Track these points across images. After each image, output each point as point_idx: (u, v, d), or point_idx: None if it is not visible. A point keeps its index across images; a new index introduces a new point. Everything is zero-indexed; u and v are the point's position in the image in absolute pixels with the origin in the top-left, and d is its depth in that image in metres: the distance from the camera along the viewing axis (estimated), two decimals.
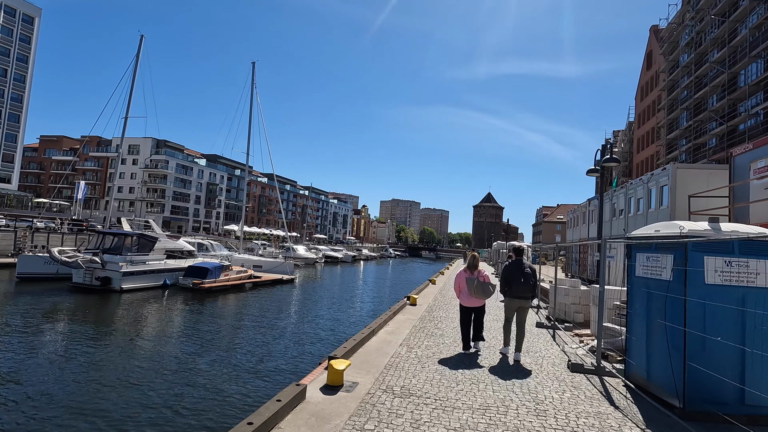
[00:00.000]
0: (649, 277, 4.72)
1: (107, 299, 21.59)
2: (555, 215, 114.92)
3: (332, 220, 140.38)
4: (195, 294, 24.44)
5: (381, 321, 7.68)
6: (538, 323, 9.18)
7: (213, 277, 26.18)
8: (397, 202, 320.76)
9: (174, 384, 9.27)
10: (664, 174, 15.47)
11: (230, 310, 21.04)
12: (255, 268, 36.35)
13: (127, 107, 30.78)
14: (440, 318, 9.64)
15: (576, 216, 31.94)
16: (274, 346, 13.15)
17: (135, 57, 31.05)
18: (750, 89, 26.62)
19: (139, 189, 74.01)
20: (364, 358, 5.68)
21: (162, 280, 25.53)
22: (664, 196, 15.51)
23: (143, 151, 75.70)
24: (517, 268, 6.65)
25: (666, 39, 41.30)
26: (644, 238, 4.92)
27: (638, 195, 18.07)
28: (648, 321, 4.67)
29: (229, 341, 13.91)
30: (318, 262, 59.92)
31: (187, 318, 18.35)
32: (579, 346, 6.97)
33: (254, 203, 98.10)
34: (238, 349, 12.69)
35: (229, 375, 10.03)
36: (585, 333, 8.10)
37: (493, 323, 9.36)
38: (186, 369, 10.46)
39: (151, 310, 19.91)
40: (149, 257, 25.34)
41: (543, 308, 12.05)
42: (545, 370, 5.80)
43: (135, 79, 30.93)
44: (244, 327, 16.30)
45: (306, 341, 14.19)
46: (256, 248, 51.75)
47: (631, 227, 19.13)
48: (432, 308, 11.21)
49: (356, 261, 77.74)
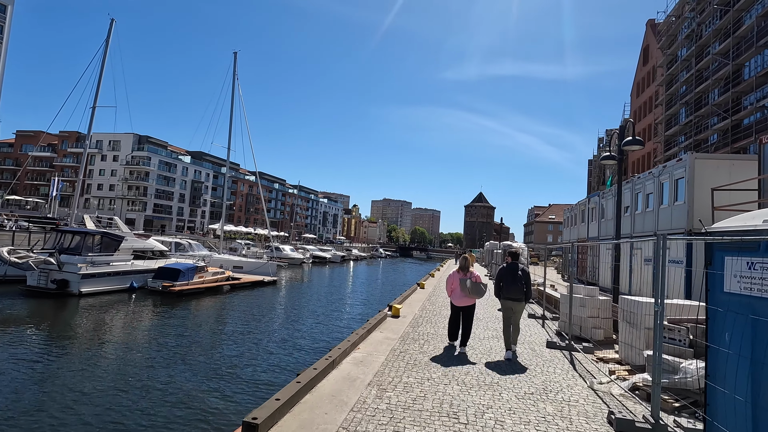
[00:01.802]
0: (755, 295, 2.96)
1: (64, 304, 19.53)
2: (547, 215, 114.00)
3: (322, 220, 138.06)
4: (165, 298, 22.46)
5: (348, 345, 5.80)
6: (550, 342, 7.38)
7: (185, 279, 24.16)
8: (388, 202, 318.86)
9: (132, 399, 8.28)
10: (680, 165, 13.81)
11: (200, 316, 19.04)
12: (235, 269, 34.44)
13: (95, 96, 28.61)
14: (427, 336, 7.78)
15: (573, 215, 30.34)
16: (223, 373, 10.38)
17: (104, 42, 28.85)
18: (757, 80, 25.23)
19: (119, 186, 71.24)
20: (308, 416, 3.79)
21: (128, 283, 23.48)
22: (680, 190, 13.84)
23: (124, 147, 72.95)
24: (512, 271, 7.06)
25: (664, 33, 39.99)
26: (744, 232, 3.14)
27: (647, 190, 16.39)
28: (755, 366, 2.92)
29: (183, 356, 11.98)
30: (305, 262, 57.93)
31: (151, 325, 16.48)
32: (611, 380, 5.19)
33: (242, 202, 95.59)
34: (189, 368, 10.76)
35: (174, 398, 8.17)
36: (612, 358, 6.34)
37: (482, 331, 7.61)
38: (139, 383, 9.16)
39: (113, 316, 17.99)
40: (114, 258, 23.23)
41: (551, 319, 10.28)
42: (576, 426, 4.01)
43: (104, 65, 28.74)
44: (201, 342, 13.95)
45: (262, 365, 11.29)
46: (239, 248, 49.64)
47: (638, 226, 17.46)
48: (418, 321, 9.36)
49: (345, 261, 75.72)
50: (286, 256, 53.30)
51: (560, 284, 21.42)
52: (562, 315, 8.49)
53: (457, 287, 7.00)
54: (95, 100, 28.36)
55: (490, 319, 10.20)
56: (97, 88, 28.43)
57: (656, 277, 3.84)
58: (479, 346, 7.26)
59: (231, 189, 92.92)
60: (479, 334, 8.29)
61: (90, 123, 28.37)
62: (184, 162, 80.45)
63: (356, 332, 6.62)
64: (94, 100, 28.39)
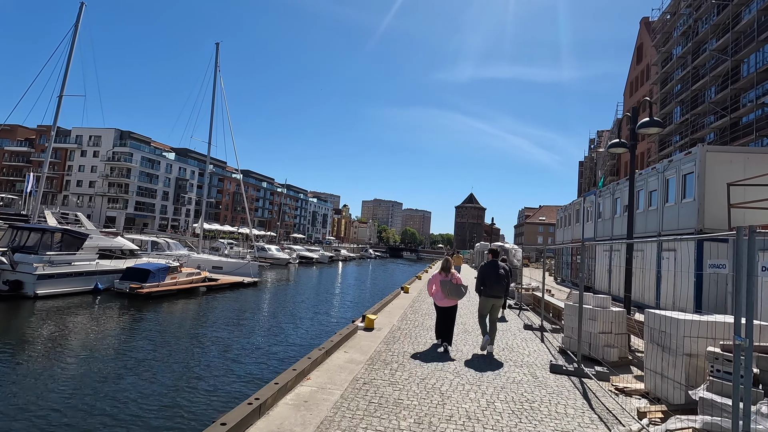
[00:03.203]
0: None
1: (17, 308, 17.92)
2: (537, 216, 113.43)
3: (311, 220, 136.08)
4: (133, 300, 20.83)
5: (291, 377, 4.27)
6: (554, 365, 5.97)
7: (156, 281, 22.54)
8: (379, 202, 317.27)
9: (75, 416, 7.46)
10: (689, 159, 12.60)
11: (167, 322, 17.45)
12: (215, 269, 32.86)
13: (62, 84, 26.81)
14: (403, 357, 6.23)
15: (567, 215, 29.21)
16: (170, 390, 9.10)
17: (73, 26, 27.07)
18: (758, 77, 24.28)
19: (100, 183, 68.81)
20: None
21: (93, 284, 21.77)
22: (688, 185, 12.63)
23: (105, 142, 70.54)
24: (493, 268, 7.12)
25: (659, 30, 39.15)
26: None
27: (650, 187, 15.17)
28: None
29: (134, 368, 10.46)
30: (291, 262, 56.27)
31: (111, 331, 14.97)
32: (643, 427, 3.82)
33: (228, 200, 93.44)
34: (134, 386, 9.25)
35: None
36: (636, 390, 4.98)
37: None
38: (82, 398, 8.21)
39: (72, 320, 16.47)
40: (76, 257, 21.49)
41: (550, 331, 8.91)
42: None
43: (72, 52, 26.95)
44: (157, 353, 12.31)
45: (203, 389, 9.62)
46: (222, 247, 47.86)
47: (639, 226, 16.23)
48: (395, 335, 7.88)
49: (333, 262, 74.13)
50: (271, 256, 51.66)
51: (554, 288, 20.15)
52: (566, 329, 7.13)
53: (439, 289, 7.15)
54: (62, 89, 26.59)
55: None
56: (65, 75, 26.68)
57: (739, 291, 2.48)
58: (464, 359, 5.93)
59: (217, 187, 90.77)
60: (464, 348, 6.95)
61: (56, 113, 26.61)
62: (169, 159, 78.20)
63: (309, 356, 5.13)
64: (61, 88, 26.62)
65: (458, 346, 7.35)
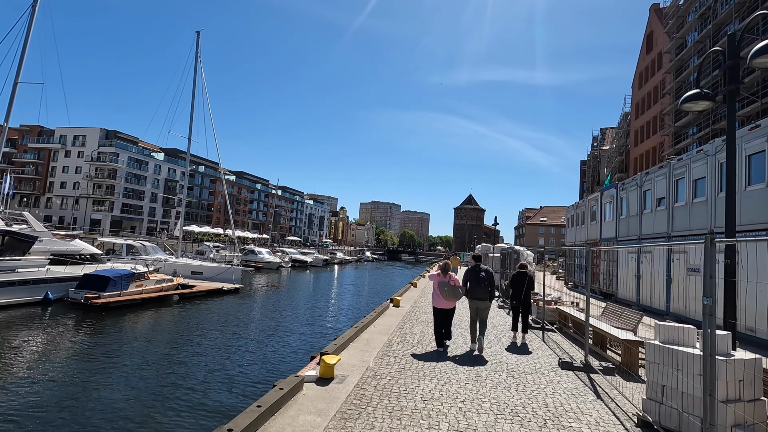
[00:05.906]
0: None
1: None
2: (538, 217, 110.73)
3: (308, 222, 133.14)
4: (89, 312, 18.09)
5: None
6: None
7: (117, 289, 19.80)
8: (377, 204, 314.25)
9: None
10: (753, 136, 9.90)
11: (123, 339, 14.64)
12: (194, 274, 30.21)
13: (17, 70, 24.13)
14: (383, 425, 3.52)
15: (579, 213, 26.46)
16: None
17: (30, 6, 24.37)
18: None
19: (84, 184, 65.94)
20: None
21: (42, 294, 19.04)
22: (753, 169, 9.94)
23: (90, 142, 67.74)
24: (474, 273, 7.50)
25: (671, 16, 36.59)
26: None
27: (695, 174, 12.43)
28: None
29: (76, 395, 7.75)
30: (283, 266, 53.50)
31: (56, 352, 12.47)
32: None
33: (221, 202, 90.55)
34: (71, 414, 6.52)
35: None
36: None
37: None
38: None
39: (9, 337, 13.79)
40: (21, 263, 18.74)
41: (601, 371, 6.02)
42: None
43: (29, 36, 24.26)
44: (100, 379, 9.93)
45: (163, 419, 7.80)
46: (207, 251, 45.12)
47: (680, 223, 13.48)
48: (364, 396, 4.79)
49: (329, 265, 71.25)
50: (261, 260, 48.97)
51: (571, 295, 17.16)
52: (650, 384, 4.27)
53: (437, 290, 7.33)
54: (17, 75, 23.87)
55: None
56: (21, 61, 23.97)
57: None
58: None
59: (209, 189, 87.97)
60: None
61: (10, 101, 23.78)
62: (157, 159, 75.37)
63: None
64: (16, 74, 23.91)
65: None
